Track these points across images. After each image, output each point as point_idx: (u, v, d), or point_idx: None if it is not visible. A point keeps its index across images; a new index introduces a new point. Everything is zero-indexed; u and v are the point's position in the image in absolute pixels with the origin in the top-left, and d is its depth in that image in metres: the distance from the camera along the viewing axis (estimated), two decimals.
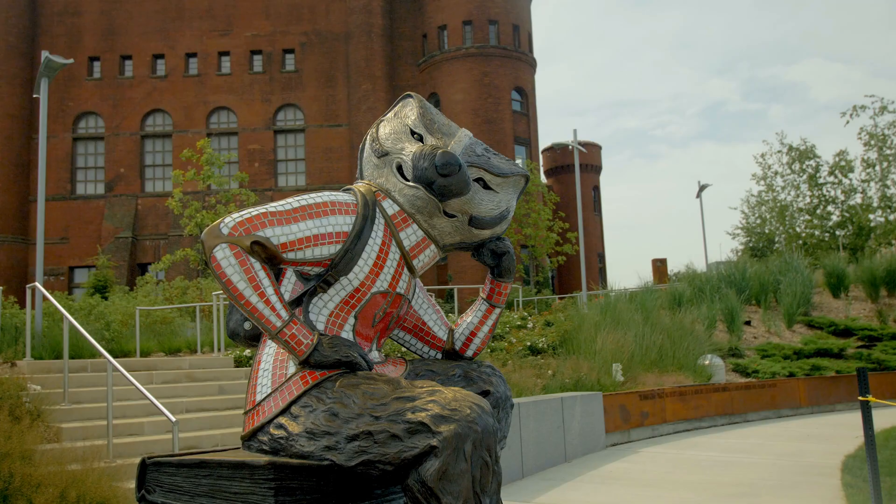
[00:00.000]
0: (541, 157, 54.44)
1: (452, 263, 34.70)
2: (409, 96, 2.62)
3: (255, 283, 2.17)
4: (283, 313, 2.20)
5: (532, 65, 38.54)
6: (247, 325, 2.71)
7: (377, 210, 2.41)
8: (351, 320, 2.40)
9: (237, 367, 9.89)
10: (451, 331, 2.76)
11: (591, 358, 10.58)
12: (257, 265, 2.17)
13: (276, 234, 2.20)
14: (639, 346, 11.58)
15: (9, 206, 33.85)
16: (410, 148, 2.45)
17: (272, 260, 2.22)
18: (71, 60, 11.63)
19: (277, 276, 2.53)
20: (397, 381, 2.18)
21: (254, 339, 2.69)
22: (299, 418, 2.21)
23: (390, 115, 2.61)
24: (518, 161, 35.49)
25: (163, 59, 36.85)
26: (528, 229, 30.84)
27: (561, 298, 24.98)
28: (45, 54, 10.93)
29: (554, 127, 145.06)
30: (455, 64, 36.02)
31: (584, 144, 53.88)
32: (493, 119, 35.55)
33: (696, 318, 14.33)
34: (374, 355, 2.53)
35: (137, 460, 2.62)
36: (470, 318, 2.75)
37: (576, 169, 21.74)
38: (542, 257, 32.77)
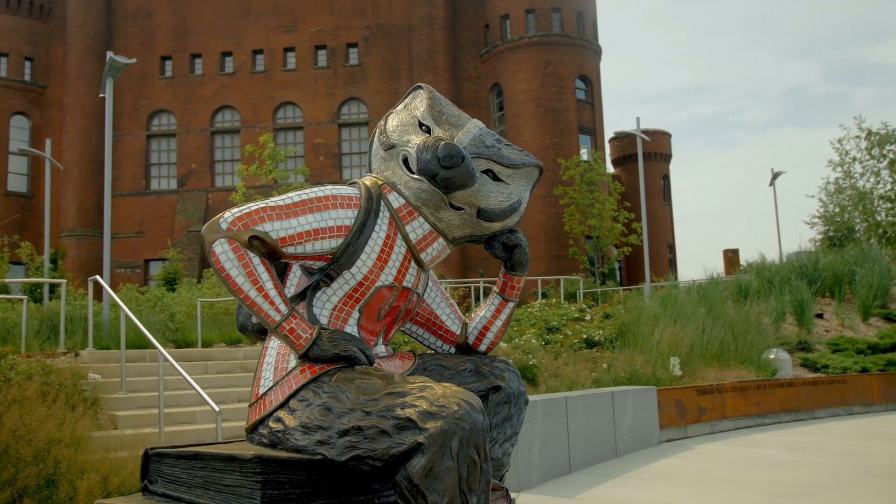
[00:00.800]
0: (608, 146, 53.65)
1: None
2: (420, 87, 2.57)
3: (253, 277, 2.16)
4: (283, 307, 2.19)
5: (597, 52, 37.88)
6: (254, 319, 2.73)
7: (382, 203, 2.38)
8: (355, 314, 2.38)
9: None
10: (465, 325, 2.72)
11: (647, 351, 10.34)
12: (256, 260, 2.17)
13: (275, 229, 2.19)
14: (699, 340, 11.25)
15: (88, 202, 35.38)
16: (416, 140, 2.41)
17: (273, 254, 2.21)
18: (133, 60, 12.01)
19: (284, 270, 2.53)
20: (391, 376, 2.14)
21: (262, 332, 2.71)
22: (296, 412, 2.21)
23: (400, 107, 2.58)
24: (583, 151, 34.99)
25: (231, 57, 37.81)
26: (591, 220, 30.39)
27: (626, 290, 24.55)
28: (109, 55, 11.32)
29: (623, 115, 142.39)
30: (518, 53, 35.72)
31: (653, 132, 52.81)
32: (557, 108, 35.11)
33: (763, 311, 13.84)
34: (381, 349, 2.50)
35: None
36: (483, 311, 2.70)
37: (639, 158, 21.26)
38: (608, 248, 32.25)
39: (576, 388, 8.64)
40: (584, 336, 11.40)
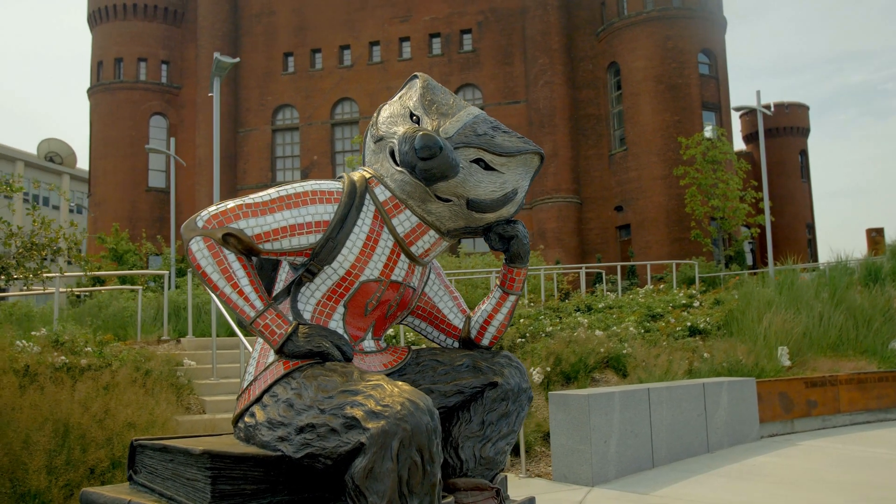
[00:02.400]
0: (738, 121, 50.86)
1: (636, 239, 33.53)
2: (416, 77, 2.52)
3: (227, 274, 2.19)
4: (258, 303, 2.21)
5: (721, 24, 35.94)
6: None
7: (367, 197, 2.34)
8: (340, 309, 2.37)
9: None
10: (469, 318, 2.65)
11: (753, 340, 9.73)
12: (232, 257, 2.20)
13: (249, 226, 2.21)
14: (815, 328, 10.48)
15: (219, 195, 37.56)
16: (401, 131, 2.36)
17: (251, 251, 2.23)
18: (237, 59, 12.53)
19: (275, 266, 2.54)
20: (351, 374, 2.12)
21: None
22: (267, 407, 2.24)
23: (395, 97, 2.55)
24: (708, 127, 33.37)
25: (348, 50, 38.82)
26: (714, 200, 28.91)
27: (752, 273, 23.26)
28: (216, 55, 11.85)
29: (759, 88, 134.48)
30: (635, 30, 34.47)
31: (788, 105, 49.63)
32: (678, 85, 33.63)
33: None
34: (369, 344, 2.48)
35: None
36: (485, 305, 2.64)
37: (760, 134, 20.01)
38: (735, 229, 30.60)
39: (667, 378, 8.26)
40: (688, 324, 10.88)
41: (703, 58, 34.81)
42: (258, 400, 2.28)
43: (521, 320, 10.07)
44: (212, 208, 2.25)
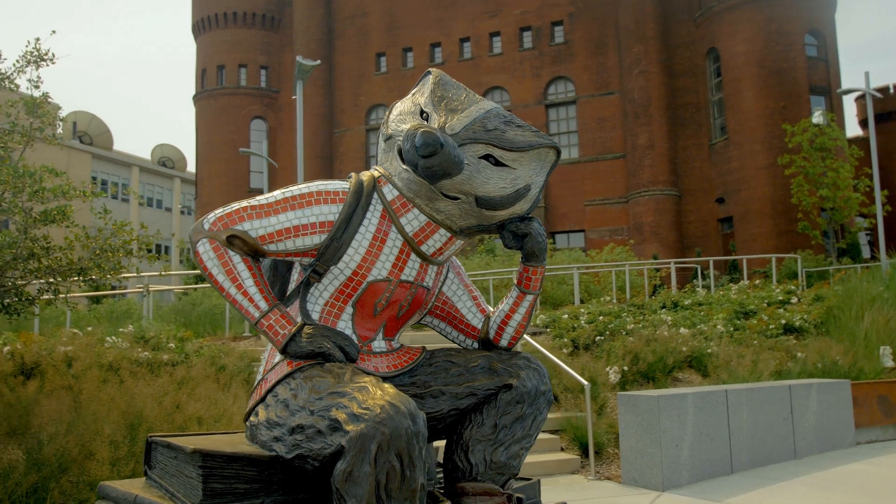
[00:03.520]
0: (853, 105, 47.87)
1: (739, 232, 32.16)
2: (429, 73, 2.48)
3: (232, 275, 2.23)
4: (262, 304, 2.23)
5: (830, 2, 33.91)
6: None
7: (375, 196, 2.32)
8: (349, 309, 2.36)
9: None
10: (488, 318, 2.59)
11: (851, 339, 9.11)
12: (237, 258, 2.23)
13: (254, 228, 2.23)
14: None
15: None
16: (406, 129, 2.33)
17: (257, 252, 2.25)
18: (318, 62, 12.79)
19: (290, 267, 2.56)
20: (343, 375, 2.11)
21: None
22: (269, 407, 2.27)
23: (408, 95, 2.51)
24: (816, 113, 31.55)
25: (439, 48, 39.02)
26: (824, 190, 27.27)
27: (867, 267, 21.82)
28: (298, 59, 12.15)
29: (872, 69, 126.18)
30: (735, 13, 32.99)
31: None
32: (783, 69, 31.95)
33: None
34: (378, 345, 2.46)
35: None
36: (503, 305, 2.57)
37: (869, 119, 18.77)
38: (848, 220, 28.76)
39: (752, 379, 7.84)
40: (783, 321, 10.31)
41: (810, 39, 32.94)
42: (262, 399, 2.30)
43: (601, 318, 9.81)
44: (218, 211, 2.28)
